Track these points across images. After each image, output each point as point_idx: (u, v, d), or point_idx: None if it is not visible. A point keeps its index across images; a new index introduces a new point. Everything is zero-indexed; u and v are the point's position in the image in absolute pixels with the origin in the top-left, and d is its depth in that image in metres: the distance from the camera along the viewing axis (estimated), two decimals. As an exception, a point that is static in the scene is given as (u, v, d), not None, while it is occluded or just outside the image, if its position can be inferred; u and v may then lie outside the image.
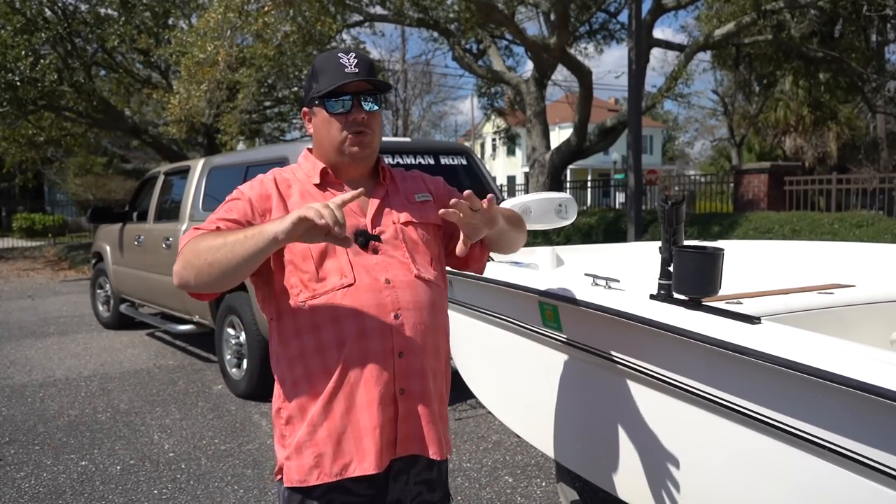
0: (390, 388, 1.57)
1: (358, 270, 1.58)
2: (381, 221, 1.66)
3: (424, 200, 1.77)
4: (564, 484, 3.01)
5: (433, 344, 1.65)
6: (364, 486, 1.58)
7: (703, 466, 1.86)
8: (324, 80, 1.63)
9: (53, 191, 28.04)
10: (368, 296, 1.56)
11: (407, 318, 1.59)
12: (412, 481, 1.66)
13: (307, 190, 1.67)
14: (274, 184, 1.67)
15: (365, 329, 1.55)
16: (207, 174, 5.94)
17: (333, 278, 1.57)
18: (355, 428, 1.56)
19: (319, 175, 1.68)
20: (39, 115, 14.91)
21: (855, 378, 1.35)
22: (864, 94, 16.70)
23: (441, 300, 1.71)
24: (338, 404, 1.56)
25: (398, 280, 1.60)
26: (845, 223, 9.34)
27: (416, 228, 1.70)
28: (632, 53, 9.81)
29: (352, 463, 1.56)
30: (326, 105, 1.62)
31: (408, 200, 1.73)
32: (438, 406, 1.68)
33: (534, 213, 2.22)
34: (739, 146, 26.59)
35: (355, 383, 1.56)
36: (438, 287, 1.70)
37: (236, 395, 5.11)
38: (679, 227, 1.74)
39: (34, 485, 3.63)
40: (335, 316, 1.55)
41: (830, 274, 2.87)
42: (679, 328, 1.71)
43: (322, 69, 1.64)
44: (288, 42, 10.75)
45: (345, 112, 1.62)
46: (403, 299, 1.59)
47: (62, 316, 9.01)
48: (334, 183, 1.69)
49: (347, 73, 1.60)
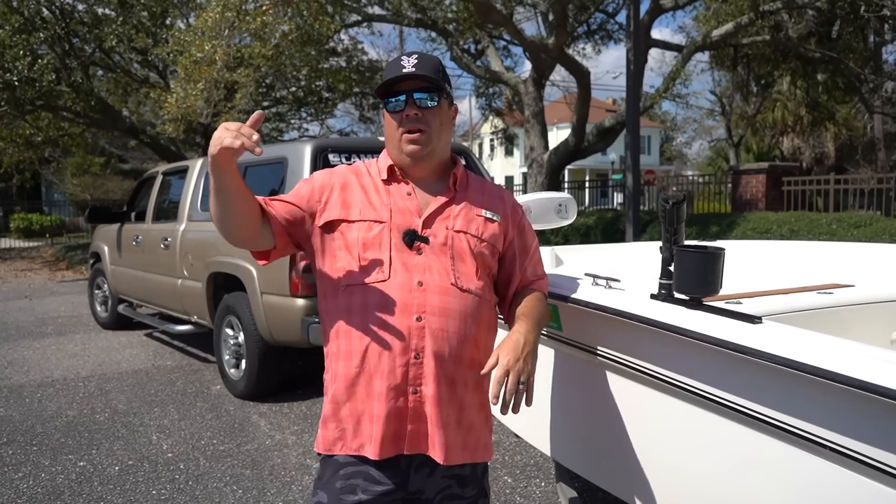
0: (403, 386, 1.63)
1: (395, 268, 1.65)
2: (434, 225, 1.70)
3: (491, 219, 1.77)
4: (564, 484, 3.00)
5: (459, 352, 1.65)
6: (384, 473, 1.65)
7: (704, 466, 1.86)
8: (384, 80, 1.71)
9: (51, 191, 28.01)
10: (397, 294, 1.63)
11: (430, 322, 1.63)
12: (440, 475, 1.69)
13: (374, 185, 1.75)
14: (344, 174, 1.78)
15: (387, 325, 1.62)
16: (206, 174, 5.92)
17: (372, 270, 1.65)
18: (370, 413, 1.64)
19: (387, 171, 1.75)
20: (37, 115, 14.89)
21: (857, 377, 1.35)
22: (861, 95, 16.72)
23: (478, 311, 1.69)
24: (359, 387, 1.65)
25: (431, 284, 1.65)
26: (843, 223, 9.35)
27: (469, 239, 1.71)
28: (630, 54, 9.82)
29: (366, 445, 1.65)
30: (386, 104, 1.71)
31: (473, 212, 1.75)
32: (458, 413, 1.68)
33: (534, 213, 2.22)
34: (737, 146, 26.62)
35: (373, 372, 1.63)
36: (478, 298, 1.69)
37: (235, 396, 5.11)
38: (680, 227, 1.74)
39: (32, 485, 3.62)
40: (365, 306, 1.64)
41: (829, 274, 2.87)
42: (680, 328, 1.70)
43: (386, 70, 1.73)
44: (286, 42, 10.74)
45: (399, 110, 1.69)
46: (430, 304, 1.63)
47: (60, 316, 8.99)
48: (399, 182, 1.75)
49: (402, 72, 1.67)
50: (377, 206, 1.70)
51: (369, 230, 1.67)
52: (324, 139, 7.25)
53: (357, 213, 1.70)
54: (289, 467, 3.79)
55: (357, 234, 1.67)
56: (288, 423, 4.50)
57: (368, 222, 1.68)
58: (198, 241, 5.62)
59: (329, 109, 18.38)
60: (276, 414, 4.71)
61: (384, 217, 1.68)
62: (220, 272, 5.22)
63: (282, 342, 4.75)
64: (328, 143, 5.06)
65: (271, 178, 5.05)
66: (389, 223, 1.68)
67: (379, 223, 1.68)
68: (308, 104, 17.66)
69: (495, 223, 1.77)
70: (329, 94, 16.91)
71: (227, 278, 5.16)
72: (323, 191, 1.75)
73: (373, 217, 1.69)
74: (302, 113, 18.77)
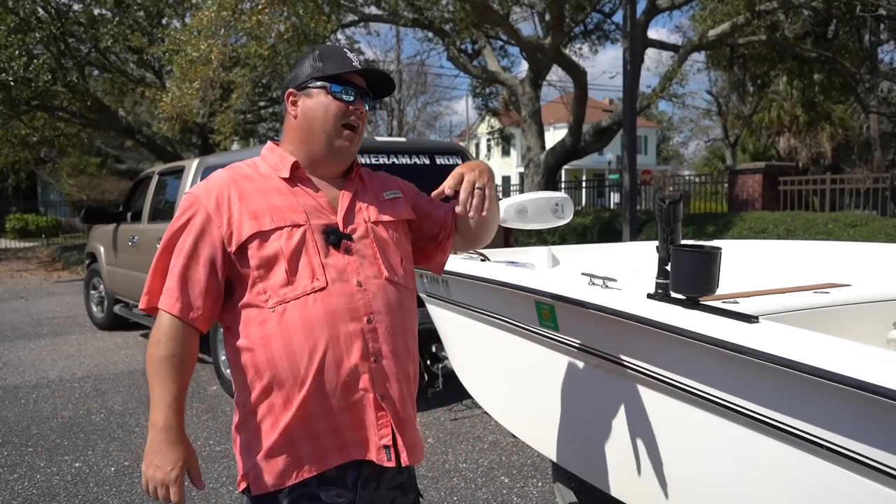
0: (369, 392, 1.55)
1: (329, 272, 1.53)
2: (354, 219, 1.62)
3: (394, 197, 1.74)
4: (561, 484, 3.00)
5: (404, 347, 1.62)
6: (333, 494, 1.55)
7: (701, 465, 1.86)
8: (331, 65, 1.60)
9: (47, 191, 27.91)
10: (341, 300, 1.52)
11: (380, 321, 1.56)
12: (384, 487, 1.63)
13: (273, 187, 1.59)
14: (230, 183, 1.58)
15: (339, 335, 1.51)
16: (202, 174, 5.91)
17: (304, 281, 1.51)
18: (333, 429, 1.54)
19: (290, 169, 1.60)
20: (33, 115, 14.86)
21: (853, 377, 1.35)
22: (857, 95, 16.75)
23: (410, 303, 1.68)
24: (314, 408, 1.52)
25: (370, 283, 1.57)
26: (839, 223, 9.37)
27: (386, 227, 1.67)
28: (626, 54, 9.83)
29: (328, 460, 1.55)
30: (332, 88, 1.59)
31: (377, 198, 1.70)
32: (412, 410, 1.66)
33: (530, 213, 2.21)
34: (734, 146, 26.65)
35: (332, 389, 1.52)
36: (408, 290, 1.67)
37: (231, 396, 5.09)
38: (676, 227, 1.73)
39: (27, 486, 3.60)
40: (307, 321, 1.50)
41: (826, 273, 2.88)
42: (677, 327, 1.70)
43: (328, 55, 1.62)
44: (282, 41, 10.72)
45: (350, 101, 1.60)
46: (376, 303, 1.56)
47: (56, 317, 8.97)
48: (304, 179, 1.62)
49: (357, 66, 1.61)
50: (286, 209, 1.55)
51: (290, 237, 1.52)
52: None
53: (269, 221, 1.53)
54: (285, 468, 3.78)
55: (277, 244, 1.51)
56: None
57: (286, 228, 1.53)
58: (194, 242, 5.60)
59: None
60: (272, 414, 4.70)
61: (300, 220, 1.54)
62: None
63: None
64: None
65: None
66: (308, 225, 1.55)
67: (297, 227, 1.53)
68: (304, 104, 17.62)
69: (399, 198, 1.75)
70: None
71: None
72: (220, 212, 1.54)
73: (289, 222, 1.53)
74: (298, 113, 18.72)
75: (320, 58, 1.62)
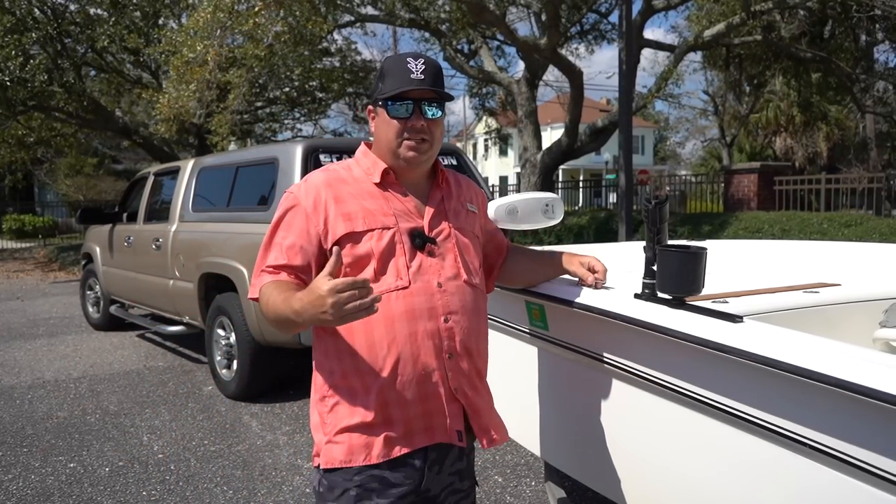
0: (440, 386, 1.66)
1: (413, 273, 1.64)
2: (439, 224, 1.72)
3: (473, 212, 1.86)
4: (552, 483, 3.01)
5: (477, 346, 1.74)
6: (401, 476, 1.65)
7: (688, 464, 1.87)
8: (390, 82, 1.66)
9: (44, 192, 27.90)
10: (421, 299, 1.63)
11: (456, 321, 1.67)
12: (446, 472, 1.73)
13: (366, 190, 1.69)
14: (328, 185, 1.69)
15: (416, 331, 1.62)
16: (197, 175, 5.92)
17: (389, 279, 1.62)
18: (405, 420, 1.64)
19: (381, 175, 1.70)
20: (29, 116, 14.86)
21: (835, 376, 1.36)
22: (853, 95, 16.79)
23: (483, 304, 1.81)
24: (390, 397, 1.63)
25: (449, 284, 1.68)
26: (834, 223, 9.40)
27: (467, 234, 1.78)
28: (622, 54, 9.84)
29: (397, 447, 1.65)
30: (388, 108, 1.66)
31: (462, 205, 1.81)
32: (487, 399, 1.80)
33: (520, 213, 2.21)
34: (730, 146, 26.70)
35: (408, 381, 1.62)
36: (482, 293, 1.80)
37: (226, 396, 5.10)
38: (663, 227, 1.75)
39: (22, 487, 3.61)
40: (388, 316, 1.61)
41: (817, 273, 2.89)
42: (663, 327, 1.72)
43: (389, 71, 1.68)
44: (279, 42, 10.73)
45: (405, 117, 1.65)
46: (453, 303, 1.67)
47: (52, 317, 8.97)
48: (394, 184, 1.71)
49: (412, 80, 1.63)
50: (378, 212, 1.66)
51: (380, 239, 1.63)
52: (315, 139, 7.26)
53: (361, 223, 1.64)
54: (280, 468, 3.79)
55: (368, 245, 1.63)
56: (279, 424, 4.50)
57: (378, 231, 1.64)
58: (189, 242, 5.61)
59: (322, 110, 18.37)
60: (267, 414, 4.71)
61: (390, 223, 1.66)
62: (212, 273, 5.21)
63: (273, 343, 4.74)
64: (319, 144, 5.05)
65: (262, 178, 5.04)
66: (397, 228, 1.65)
67: (387, 230, 1.65)
68: (301, 104, 17.66)
69: (475, 214, 1.87)
70: (322, 95, 16.91)
71: (219, 279, 5.16)
72: (318, 212, 1.66)
73: (380, 224, 1.65)
74: (295, 113, 18.76)
75: (382, 75, 1.70)
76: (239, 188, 5.34)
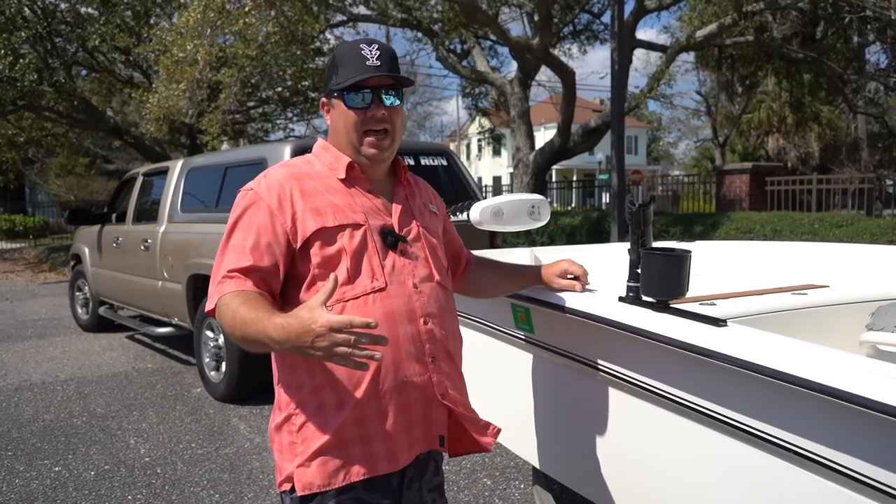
0: (427, 392, 1.58)
1: (388, 273, 1.55)
2: (408, 222, 1.65)
3: (435, 213, 1.80)
4: (540, 487, 2.99)
5: (455, 348, 1.70)
6: (378, 496, 1.55)
7: (674, 469, 1.85)
8: (344, 71, 1.57)
9: (35, 192, 27.72)
10: (400, 301, 1.55)
11: (435, 323, 1.61)
12: (425, 488, 1.67)
13: (331, 186, 1.59)
14: (293, 179, 1.58)
15: (397, 335, 1.53)
16: (186, 175, 5.88)
17: (364, 280, 1.52)
18: (385, 434, 1.54)
19: (346, 169, 1.61)
20: (19, 115, 14.74)
21: (816, 381, 1.35)
22: (845, 95, 16.84)
23: (454, 305, 1.76)
24: (369, 410, 1.52)
25: (424, 285, 1.61)
26: (825, 223, 9.41)
27: (432, 233, 1.72)
28: (614, 54, 9.85)
29: (379, 463, 1.54)
30: (345, 98, 1.57)
31: (425, 207, 1.75)
32: (468, 404, 1.75)
33: (506, 215, 2.20)
34: (723, 147, 26.77)
35: (390, 390, 1.53)
36: (451, 293, 1.76)
37: (215, 399, 5.06)
38: (647, 229, 1.73)
39: (5, 491, 3.57)
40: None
41: (806, 274, 2.88)
42: (646, 330, 1.70)
43: (342, 60, 1.58)
44: (270, 42, 10.68)
45: (364, 107, 1.57)
46: (430, 305, 1.60)
47: (40, 319, 8.90)
48: (360, 180, 1.62)
49: (368, 66, 1.54)
50: (346, 209, 1.56)
51: (352, 236, 1.53)
52: (304, 139, 7.22)
53: (332, 218, 1.53)
54: (267, 471, 3.76)
55: (340, 243, 1.52)
56: (268, 426, 4.47)
57: (348, 228, 1.53)
58: (178, 243, 5.57)
59: (315, 110, 18.30)
60: (256, 417, 4.68)
61: (360, 220, 1.56)
62: (200, 274, 5.17)
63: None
64: (308, 144, 5.01)
65: (251, 179, 5.00)
66: (367, 225, 1.56)
67: (358, 227, 1.55)
68: (294, 104, 17.60)
69: (437, 215, 1.80)
70: (315, 94, 16.84)
71: (207, 280, 5.11)
72: (283, 209, 1.53)
73: (350, 221, 1.54)
74: (288, 113, 18.70)
75: (335, 65, 1.60)
76: (228, 189, 5.30)
